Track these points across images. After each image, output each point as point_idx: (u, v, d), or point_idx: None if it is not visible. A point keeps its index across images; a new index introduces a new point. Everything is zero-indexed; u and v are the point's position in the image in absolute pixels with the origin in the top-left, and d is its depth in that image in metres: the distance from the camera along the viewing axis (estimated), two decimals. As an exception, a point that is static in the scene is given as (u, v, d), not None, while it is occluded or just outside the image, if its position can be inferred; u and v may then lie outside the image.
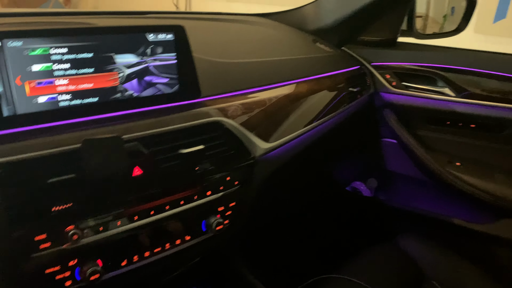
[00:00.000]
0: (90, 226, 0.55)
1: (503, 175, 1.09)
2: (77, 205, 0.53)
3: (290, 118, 0.89)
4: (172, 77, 0.67)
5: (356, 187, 1.48)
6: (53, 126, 0.55)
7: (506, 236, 1.08)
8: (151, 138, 0.61)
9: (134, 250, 0.60)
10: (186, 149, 0.64)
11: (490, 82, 1.08)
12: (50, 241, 0.51)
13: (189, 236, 0.66)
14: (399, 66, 1.20)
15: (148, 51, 0.64)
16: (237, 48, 0.93)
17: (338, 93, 1.08)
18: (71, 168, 0.52)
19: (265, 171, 0.80)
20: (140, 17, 0.93)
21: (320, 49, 1.15)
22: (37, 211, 0.50)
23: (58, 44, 0.55)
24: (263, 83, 0.87)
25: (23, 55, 0.53)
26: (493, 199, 1.06)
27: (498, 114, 1.06)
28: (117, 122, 0.60)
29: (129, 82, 0.62)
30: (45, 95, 0.55)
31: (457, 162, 1.15)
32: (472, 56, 1.19)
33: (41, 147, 0.51)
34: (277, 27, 1.19)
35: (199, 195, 0.66)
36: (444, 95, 1.13)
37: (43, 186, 0.51)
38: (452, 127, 1.17)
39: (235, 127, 0.73)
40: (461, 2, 1.34)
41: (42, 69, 0.54)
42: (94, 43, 0.58)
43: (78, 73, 0.57)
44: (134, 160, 0.58)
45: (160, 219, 0.62)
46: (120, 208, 0.57)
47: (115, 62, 0.60)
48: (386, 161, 1.31)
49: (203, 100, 0.73)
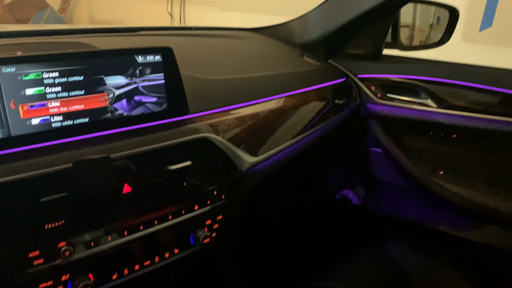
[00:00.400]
0: (82, 242, 0.57)
1: (483, 183, 1.13)
2: (69, 222, 0.56)
3: (277, 132, 0.92)
4: (160, 96, 0.70)
5: (345, 195, 1.51)
6: (45, 147, 0.58)
7: (488, 242, 1.11)
8: (140, 156, 0.63)
9: (125, 264, 0.63)
10: (174, 165, 0.66)
11: (470, 93, 1.12)
12: (43, 258, 0.53)
13: (177, 249, 0.69)
14: (384, 78, 1.23)
15: (137, 72, 0.66)
16: (225, 64, 0.96)
17: (325, 105, 1.11)
18: (63, 187, 0.55)
19: (252, 184, 0.83)
20: (132, 34, 0.96)
21: (307, 63, 1.18)
22: (31, 229, 0.53)
23: (50, 68, 0.58)
24: (250, 98, 0.90)
25: (17, 80, 0.55)
26: (475, 206, 1.09)
27: (478, 124, 1.10)
28: (107, 141, 0.62)
29: (119, 102, 0.65)
30: (38, 117, 0.57)
31: (441, 171, 1.18)
32: (452, 69, 1.23)
33: (34, 167, 0.54)
34: (265, 42, 1.22)
35: (187, 209, 0.69)
36: (426, 106, 1.17)
37: (36, 205, 0.53)
38: (435, 137, 1.20)
39: (222, 143, 0.76)
40: (446, 12, 1.38)
41: (35, 92, 0.57)
42: (85, 66, 0.61)
43: (69, 95, 0.60)
44: (124, 178, 0.61)
45: (149, 234, 0.64)
46: (110, 224, 0.60)
47: (105, 83, 0.63)
48: (373, 169, 1.35)
49: (191, 116, 0.75)
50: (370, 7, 1.05)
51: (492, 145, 1.12)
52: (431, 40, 1.82)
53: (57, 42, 0.78)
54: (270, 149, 0.87)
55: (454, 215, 1.17)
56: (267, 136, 0.89)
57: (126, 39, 0.92)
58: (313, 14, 1.20)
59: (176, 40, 1.01)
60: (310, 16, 1.21)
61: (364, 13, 1.07)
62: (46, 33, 0.83)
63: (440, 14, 1.59)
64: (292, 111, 0.99)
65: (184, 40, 1.02)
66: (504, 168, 1.12)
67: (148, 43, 0.93)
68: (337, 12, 1.13)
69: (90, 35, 0.85)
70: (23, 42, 0.74)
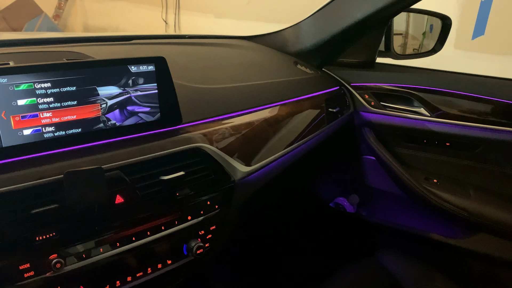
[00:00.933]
0: (73, 254, 0.57)
1: (476, 192, 1.13)
2: (60, 234, 0.55)
3: (271, 141, 0.92)
4: (153, 106, 0.70)
5: (339, 202, 1.51)
6: (37, 157, 0.57)
7: (480, 251, 1.12)
8: (133, 166, 0.63)
9: (117, 276, 0.62)
10: (167, 175, 0.66)
11: (463, 102, 1.13)
12: (34, 270, 0.53)
13: (170, 260, 0.68)
14: (377, 87, 1.24)
15: (130, 82, 0.66)
16: (218, 73, 0.96)
17: (319, 113, 1.11)
18: (54, 198, 0.55)
19: (245, 194, 0.83)
20: (125, 43, 0.96)
21: (301, 71, 1.19)
22: (21, 241, 0.52)
23: (42, 79, 0.58)
24: (244, 107, 0.90)
25: (8, 91, 0.55)
26: (468, 215, 1.10)
27: (471, 133, 1.11)
28: (100, 151, 0.62)
29: (111, 112, 0.65)
30: (29, 128, 0.57)
31: (434, 179, 1.19)
32: (444, 77, 1.24)
33: (25, 178, 0.54)
34: (259, 50, 1.23)
35: (180, 220, 0.69)
36: (419, 114, 1.18)
37: (27, 217, 0.53)
38: (428, 145, 1.21)
39: (215, 152, 0.75)
40: (439, 20, 1.40)
41: (27, 103, 0.57)
42: (78, 76, 0.61)
43: (61, 106, 0.60)
44: (116, 189, 0.60)
45: (141, 245, 0.64)
46: (102, 235, 0.60)
47: (98, 94, 0.63)
48: (367, 177, 1.35)
49: (184, 126, 0.75)
50: (363, 16, 1.06)
51: (485, 153, 1.12)
52: (424, 48, 1.83)
53: (50, 51, 0.78)
54: (264, 159, 0.87)
55: (447, 223, 1.18)
56: (261, 146, 0.89)
57: (120, 48, 0.92)
58: (307, 22, 1.21)
59: (170, 49, 1.01)
60: (304, 24, 1.21)
61: (357, 22, 1.08)
62: (39, 42, 0.83)
63: (433, 22, 1.61)
64: (286, 119, 0.99)
65: (178, 49, 1.02)
66: (497, 176, 1.13)
67: (141, 52, 0.93)
68: (331, 21, 1.14)
69: (83, 44, 0.85)
70: (15, 52, 0.74)
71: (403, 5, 1.08)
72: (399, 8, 1.12)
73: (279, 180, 0.95)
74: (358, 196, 1.47)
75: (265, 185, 0.89)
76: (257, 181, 0.85)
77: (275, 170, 0.91)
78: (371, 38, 1.25)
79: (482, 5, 2.32)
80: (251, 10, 3.38)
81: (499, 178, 1.13)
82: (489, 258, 1.12)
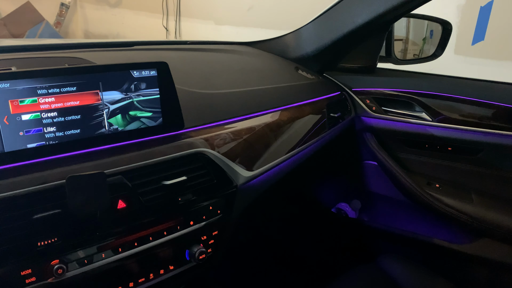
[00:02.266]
0: (75, 260, 0.56)
1: (479, 196, 1.13)
2: (62, 240, 0.55)
3: (272, 146, 0.92)
4: (155, 111, 0.70)
5: (341, 208, 1.51)
6: (39, 162, 0.57)
7: (483, 256, 1.11)
8: (135, 172, 0.63)
9: (118, 281, 0.62)
10: (169, 180, 0.66)
11: (465, 106, 1.13)
12: (35, 276, 0.52)
13: (172, 266, 0.68)
14: (379, 92, 1.24)
15: (132, 87, 0.66)
16: (220, 79, 0.97)
17: (320, 118, 1.11)
18: (56, 204, 0.54)
19: (247, 199, 0.82)
20: (127, 49, 0.96)
21: (302, 77, 1.19)
22: (23, 247, 0.52)
23: (45, 84, 0.58)
24: (245, 112, 0.90)
25: (11, 96, 0.55)
26: (471, 220, 1.09)
27: (472, 137, 1.11)
28: (102, 156, 0.62)
29: (113, 117, 0.65)
30: (31, 129, 0.57)
31: (436, 184, 1.18)
32: (446, 82, 1.24)
33: (27, 183, 0.54)
34: (260, 56, 1.23)
35: (182, 225, 0.68)
36: (421, 119, 1.18)
37: (28, 222, 0.52)
38: (430, 150, 1.21)
39: (217, 157, 0.75)
40: (439, 26, 1.40)
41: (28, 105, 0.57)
42: (80, 81, 0.61)
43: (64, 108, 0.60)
44: (118, 194, 0.60)
45: (143, 250, 0.63)
46: (104, 241, 0.59)
47: (100, 99, 0.63)
48: (369, 183, 1.35)
49: (186, 131, 0.75)
50: (364, 21, 1.06)
51: (487, 158, 1.12)
52: (424, 54, 1.83)
53: (52, 57, 0.78)
54: (265, 164, 0.87)
55: (450, 229, 1.17)
56: (263, 151, 0.89)
57: (121, 54, 0.92)
58: (308, 28, 1.21)
59: (171, 55, 1.01)
60: (305, 30, 1.22)
61: (358, 27, 1.08)
62: (41, 48, 0.83)
63: (433, 28, 1.61)
64: (288, 125, 0.99)
65: (180, 54, 1.03)
66: (500, 181, 1.13)
67: (143, 57, 0.93)
68: (332, 26, 1.14)
69: (85, 50, 0.85)
70: (17, 57, 0.74)
71: (404, 10, 1.09)
72: (400, 13, 1.12)
73: (281, 185, 0.95)
74: (360, 202, 1.47)
75: (267, 190, 0.89)
76: (259, 186, 0.85)
77: (277, 175, 0.91)
78: (372, 43, 1.26)
79: (482, 11, 2.33)
80: (251, 17, 3.39)
81: (502, 182, 1.12)
82: (492, 264, 1.11)
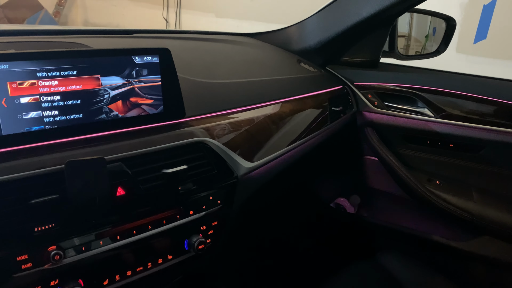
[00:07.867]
0: (72, 246, 0.55)
1: (480, 194, 1.12)
2: (59, 226, 0.54)
3: (273, 137, 0.91)
4: (157, 98, 0.68)
5: (340, 203, 1.50)
6: (38, 147, 0.56)
7: (482, 253, 1.10)
8: (135, 159, 0.62)
9: (116, 270, 0.61)
10: (170, 169, 0.65)
11: (467, 103, 1.12)
12: (32, 262, 0.51)
13: (171, 255, 0.67)
14: (381, 86, 1.23)
15: (133, 73, 0.65)
16: (222, 68, 0.95)
17: (321, 112, 1.10)
18: (54, 189, 0.53)
19: (247, 190, 0.81)
20: (128, 36, 0.95)
21: (304, 69, 1.18)
22: (20, 232, 0.51)
23: (44, 66, 0.56)
24: (247, 103, 0.89)
25: (10, 78, 0.54)
26: (471, 217, 1.09)
27: (474, 134, 1.10)
28: (102, 142, 0.61)
29: (114, 103, 0.64)
30: (30, 112, 0.56)
31: (437, 181, 1.18)
32: (449, 78, 1.23)
33: (25, 168, 0.52)
34: (262, 47, 1.22)
35: (181, 214, 0.67)
36: (423, 115, 1.17)
37: (26, 207, 0.51)
38: (431, 146, 1.20)
39: (218, 147, 0.74)
40: (442, 23, 1.39)
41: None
42: (80, 65, 0.60)
43: (63, 92, 0.58)
44: (117, 181, 0.59)
45: (142, 239, 0.62)
46: (102, 228, 0.58)
47: (101, 84, 0.62)
48: (369, 178, 1.34)
49: (187, 120, 0.74)
50: (369, 14, 1.05)
51: (489, 155, 1.11)
52: (426, 51, 1.83)
53: (52, 41, 0.76)
54: (266, 155, 0.86)
55: (450, 225, 1.17)
56: (264, 142, 0.88)
57: (122, 41, 0.90)
58: (311, 20, 1.20)
59: (173, 43, 1.00)
60: (308, 22, 1.20)
61: (362, 20, 1.07)
62: (41, 32, 0.81)
63: (436, 25, 1.60)
64: (289, 117, 0.98)
65: (181, 43, 1.01)
66: (501, 178, 1.12)
67: (144, 45, 0.92)
68: (336, 19, 1.13)
69: (85, 36, 0.84)
70: (16, 41, 0.72)
71: (409, 4, 1.07)
72: (405, 7, 1.11)
73: (281, 177, 0.94)
74: (359, 197, 1.46)
75: (267, 182, 0.88)
76: (260, 177, 0.84)
77: (277, 167, 0.90)
78: (376, 37, 1.24)
79: (485, 9, 2.32)
80: (253, 10, 3.37)
81: (503, 180, 1.12)
82: (492, 261, 1.11)
